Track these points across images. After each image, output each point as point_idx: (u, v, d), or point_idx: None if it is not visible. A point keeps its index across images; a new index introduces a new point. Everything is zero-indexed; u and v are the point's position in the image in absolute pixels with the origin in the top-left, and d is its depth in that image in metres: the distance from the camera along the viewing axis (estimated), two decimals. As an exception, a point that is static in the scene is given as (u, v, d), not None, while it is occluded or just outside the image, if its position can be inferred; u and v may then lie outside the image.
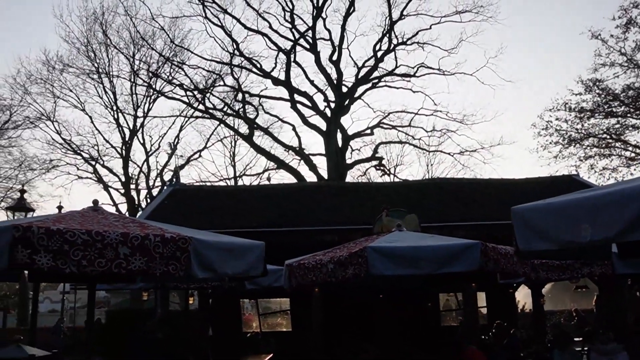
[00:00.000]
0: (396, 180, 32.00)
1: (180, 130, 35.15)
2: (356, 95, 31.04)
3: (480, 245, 6.22)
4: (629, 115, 27.94)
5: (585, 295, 25.27)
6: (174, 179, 17.84)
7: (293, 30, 30.93)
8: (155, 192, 33.61)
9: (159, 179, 34.56)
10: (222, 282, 8.06)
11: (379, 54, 30.87)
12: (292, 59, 30.73)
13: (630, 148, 28.43)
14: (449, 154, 32.42)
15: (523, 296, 16.92)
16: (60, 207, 14.52)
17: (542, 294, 14.62)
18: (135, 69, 32.76)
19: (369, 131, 31.39)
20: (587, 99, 28.19)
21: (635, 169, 28.46)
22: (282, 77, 30.96)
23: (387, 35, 30.66)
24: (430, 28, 30.97)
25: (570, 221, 3.72)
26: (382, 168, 31.98)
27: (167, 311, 13.68)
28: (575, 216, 3.69)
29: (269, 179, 32.59)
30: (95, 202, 6.03)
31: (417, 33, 30.82)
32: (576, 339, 12.39)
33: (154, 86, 32.67)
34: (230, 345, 12.80)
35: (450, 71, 31.20)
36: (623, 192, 3.53)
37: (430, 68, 30.95)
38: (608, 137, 28.55)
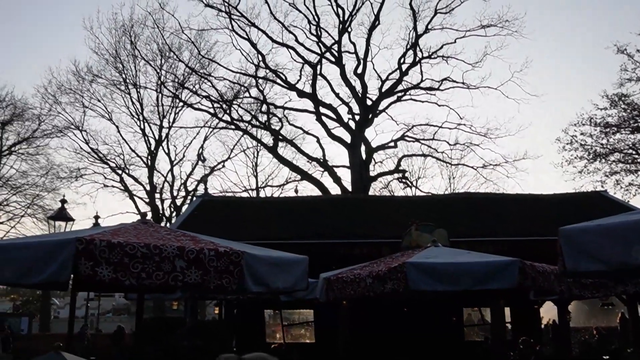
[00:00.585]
0: (418, 193, 32.03)
1: (205, 140, 35.63)
2: (380, 108, 31.19)
3: (519, 262, 6.30)
4: (655, 130, 27.73)
5: (608, 312, 24.98)
6: (204, 190, 18.10)
7: (319, 44, 31.25)
8: (178, 201, 34.11)
9: (182, 188, 35.04)
10: (272, 295, 8.21)
11: (404, 67, 31.03)
12: (318, 72, 31.02)
13: (657, 164, 28.17)
14: (472, 167, 32.38)
15: (546, 312, 16.79)
16: (97, 217, 14.84)
17: (569, 310, 14.57)
18: (162, 80, 33.36)
19: (392, 144, 31.49)
20: (613, 113, 28.08)
21: (662, 185, 28.18)
22: (307, 89, 31.26)
23: (412, 48, 30.81)
24: (455, 42, 31.04)
25: (622, 243, 3.82)
26: (405, 181, 32.06)
27: (196, 320, 13.88)
28: (627, 238, 3.80)
29: (296, 190, 32.79)
30: (144, 215, 6.24)
31: (442, 47, 30.94)
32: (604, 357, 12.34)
33: (180, 97, 33.20)
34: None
35: (475, 85, 31.20)
36: (675, 217, 3.64)
37: (455, 82, 31.01)
38: (634, 152, 28.32)
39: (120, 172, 34.61)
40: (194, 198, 23.81)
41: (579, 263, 4.21)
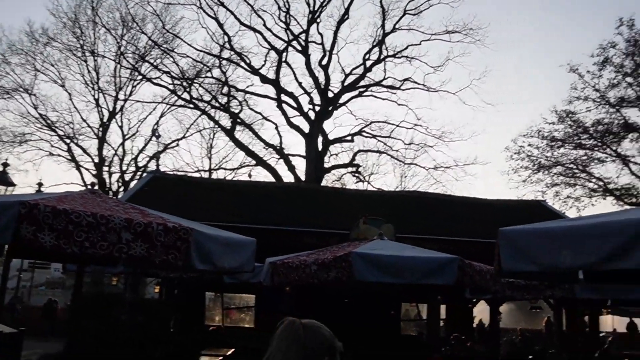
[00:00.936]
0: (370, 188, 32.42)
1: (161, 117, 34.83)
2: (341, 101, 31.38)
3: (459, 260, 6.53)
4: (595, 148, 28.97)
5: (536, 316, 26.09)
6: (156, 167, 17.82)
7: (287, 31, 31.12)
8: (128, 176, 33.37)
9: (133, 163, 34.29)
10: (216, 275, 8.20)
11: (368, 63, 31.28)
12: (283, 59, 30.94)
13: (593, 180, 29.45)
14: (424, 167, 32.96)
15: (479, 312, 17.43)
16: (40, 184, 14.33)
17: (500, 311, 15.16)
18: (121, 51, 32.43)
19: (349, 138, 31.74)
20: (560, 129, 29.18)
21: (596, 200, 29.53)
22: (270, 75, 31.09)
23: (378, 46, 31.09)
24: (420, 44, 31.47)
25: (553, 247, 4.04)
26: (358, 175, 32.39)
27: (137, 297, 13.68)
28: (559, 242, 4.02)
29: (249, 175, 32.62)
30: (92, 184, 6.16)
31: (407, 47, 31.34)
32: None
33: (139, 70, 32.42)
34: (192, 338, 12.89)
35: (435, 88, 31.76)
36: (605, 226, 3.90)
37: (416, 83, 31.47)
38: (575, 167, 29.53)
39: (68, 141, 33.45)
40: (145, 174, 23.40)
41: (514, 263, 4.43)
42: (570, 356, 12.05)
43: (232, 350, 12.35)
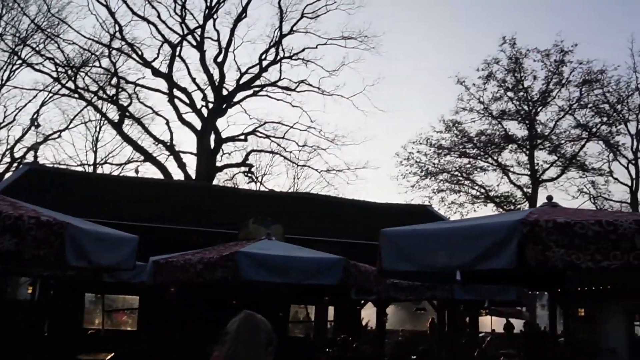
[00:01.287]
0: (262, 189, 32.35)
1: (42, 105, 32.61)
2: (235, 99, 31.05)
3: (344, 261, 6.68)
4: (479, 157, 31.00)
5: (421, 317, 27.36)
6: (34, 158, 16.63)
7: (182, 25, 30.30)
8: (1, 167, 30.89)
9: (8, 153, 31.78)
10: (94, 272, 7.74)
11: (264, 63, 31.19)
12: (177, 53, 30.08)
13: (476, 187, 31.49)
14: (316, 170, 33.38)
15: (367, 314, 17.98)
16: None
17: (386, 312, 15.72)
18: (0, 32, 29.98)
19: (243, 137, 31.48)
20: (447, 137, 30.88)
21: (478, 207, 31.55)
22: (163, 69, 30.08)
23: (275, 46, 31.11)
24: (316, 47, 31.82)
25: (430, 247, 4.26)
26: (250, 175, 32.22)
27: (4, 299, 12.68)
28: (435, 243, 4.24)
29: (137, 171, 31.32)
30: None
31: (303, 50, 31.58)
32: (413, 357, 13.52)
33: (19, 54, 30.12)
34: (68, 342, 12.16)
35: (329, 92, 32.26)
36: (476, 228, 4.16)
37: (311, 85, 31.80)
38: (459, 175, 31.38)
39: None
40: (21, 166, 21.78)
41: (394, 263, 4.60)
42: (449, 356, 12.74)
43: (112, 354, 11.81)
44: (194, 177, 28.23)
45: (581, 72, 28.92)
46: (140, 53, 30.11)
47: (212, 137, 29.62)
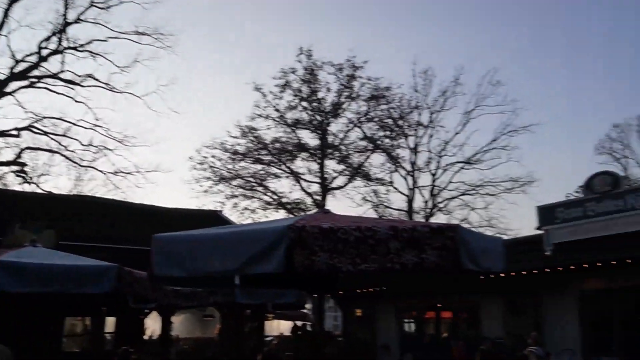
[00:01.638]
0: (39, 191, 29.26)
1: None
2: (8, 90, 27.59)
3: (117, 268, 6.26)
4: (272, 164, 31.79)
5: (211, 324, 27.17)
6: None
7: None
8: None
9: None
10: None
11: (44, 52, 28.22)
12: None
13: (269, 193, 32.17)
14: (102, 172, 31.13)
15: (152, 323, 17.30)
16: None
17: (172, 320, 15.27)
18: None
19: (15, 132, 28.07)
20: (242, 143, 31.11)
21: (270, 213, 32.34)
22: None
23: (58, 35, 28.37)
24: (106, 40, 29.69)
25: (202, 253, 4.16)
26: (23, 175, 28.85)
27: None
28: (208, 248, 4.15)
29: None
30: None
31: (91, 42, 29.20)
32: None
33: None
34: None
35: (120, 89, 30.37)
36: (248, 234, 4.18)
37: (99, 81, 29.47)
38: (253, 181, 31.83)
39: None
40: None
41: (165, 268, 4.41)
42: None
43: None
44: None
45: (370, 87, 31.19)
46: None
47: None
